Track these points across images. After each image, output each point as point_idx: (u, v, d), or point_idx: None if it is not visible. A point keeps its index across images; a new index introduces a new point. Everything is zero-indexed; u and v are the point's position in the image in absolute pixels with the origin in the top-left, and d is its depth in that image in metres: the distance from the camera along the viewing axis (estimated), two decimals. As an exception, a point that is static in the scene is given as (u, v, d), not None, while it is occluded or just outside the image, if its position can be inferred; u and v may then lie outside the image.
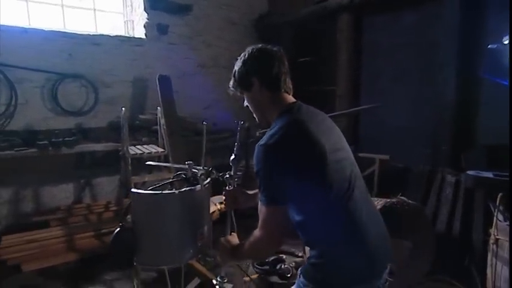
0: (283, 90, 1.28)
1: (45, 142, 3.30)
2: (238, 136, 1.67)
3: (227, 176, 1.64)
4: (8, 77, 3.52)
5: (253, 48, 1.30)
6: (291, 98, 1.29)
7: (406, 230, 2.55)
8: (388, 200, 2.59)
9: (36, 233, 3.27)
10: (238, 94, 1.35)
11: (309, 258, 1.20)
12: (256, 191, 1.53)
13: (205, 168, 1.71)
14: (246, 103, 1.35)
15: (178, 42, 4.52)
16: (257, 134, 3.74)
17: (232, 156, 1.64)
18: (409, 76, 3.40)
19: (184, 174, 1.71)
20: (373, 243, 1.15)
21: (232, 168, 1.64)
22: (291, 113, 1.21)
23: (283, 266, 2.11)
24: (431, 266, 2.65)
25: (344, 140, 1.30)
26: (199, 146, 3.81)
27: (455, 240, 2.76)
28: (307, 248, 1.29)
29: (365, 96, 3.87)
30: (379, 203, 2.52)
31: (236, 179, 1.63)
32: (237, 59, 1.33)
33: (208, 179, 1.67)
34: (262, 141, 1.14)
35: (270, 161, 1.12)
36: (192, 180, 1.72)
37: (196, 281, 2.51)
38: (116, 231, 1.56)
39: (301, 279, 1.19)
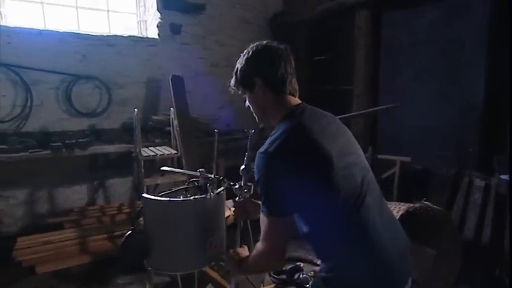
0: (288, 92, 1.20)
1: (59, 144, 3.30)
2: (248, 145, 1.62)
3: (237, 186, 1.60)
4: (24, 78, 3.55)
5: (258, 45, 1.21)
6: (295, 100, 1.21)
7: (430, 237, 2.42)
8: (411, 205, 2.46)
9: (51, 235, 3.27)
10: (239, 93, 1.28)
11: (319, 271, 1.13)
12: None
13: (216, 176, 1.67)
14: (247, 103, 1.28)
15: (192, 42, 4.47)
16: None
17: (242, 166, 1.59)
18: (430, 75, 3.25)
19: (197, 181, 1.70)
20: (389, 254, 1.06)
21: (242, 179, 1.59)
22: (294, 117, 1.13)
23: (301, 276, 1.93)
24: (457, 276, 2.51)
25: (355, 143, 1.21)
26: (212, 147, 3.84)
27: (484, 248, 2.59)
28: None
29: (384, 95, 3.71)
30: (401, 208, 2.40)
31: (246, 190, 1.58)
32: (240, 55, 1.25)
33: (222, 188, 1.62)
34: (262, 149, 1.07)
35: (271, 170, 1.04)
36: (205, 188, 1.69)
37: (209, 287, 2.44)
38: (127, 234, 1.56)
39: None
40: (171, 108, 3.47)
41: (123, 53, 4.05)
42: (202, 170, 1.70)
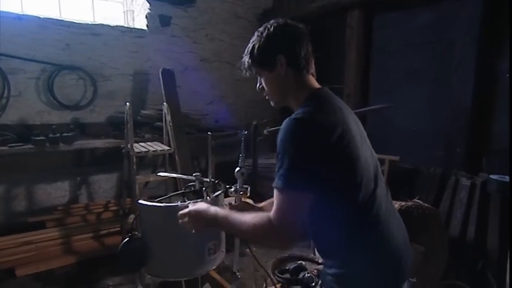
0: (310, 72, 1.14)
1: (42, 138, 3.10)
2: (242, 147, 1.62)
3: (233, 189, 1.57)
4: (0, 66, 3.29)
5: (278, 22, 1.12)
6: (316, 83, 1.15)
7: (420, 234, 2.51)
8: (404, 203, 2.54)
9: (32, 235, 3.13)
10: (252, 74, 1.17)
11: (327, 267, 1.06)
12: (266, 202, 1.44)
13: (212, 180, 1.65)
14: (260, 85, 1.19)
15: (181, 35, 4.34)
16: (265, 132, 3.64)
17: (237, 169, 1.57)
18: (421, 76, 3.33)
19: (193, 186, 1.66)
20: (398, 245, 1.06)
21: (238, 181, 1.57)
22: (320, 97, 1.08)
23: (306, 275, 1.96)
24: (444, 271, 2.61)
25: (364, 133, 1.16)
26: (203, 143, 3.78)
27: (469, 244, 2.72)
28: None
29: (374, 95, 3.78)
30: (394, 205, 2.47)
31: (242, 192, 1.56)
32: (256, 33, 1.14)
33: (219, 192, 1.57)
34: (293, 116, 0.99)
35: (300, 137, 0.95)
36: (201, 192, 1.65)
37: (207, 286, 2.40)
38: (124, 241, 1.50)
39: None
40: (164, 103, 3.36)
41: (110, 44, 3.86)
42: (198, 174, 1.65)
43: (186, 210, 1.20)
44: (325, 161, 0.94)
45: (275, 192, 0.96)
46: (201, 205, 1.20)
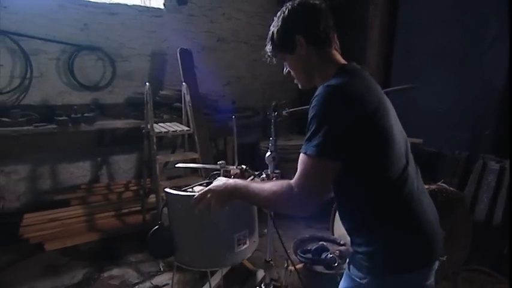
0: (333, 47, 1.12)
1: (65, 118, 3.15)
2: (272, 129, 1.55)
3: (263, 176, 1.51)
4: (23, 47, 3.32)
5: (292, 3, 1.12)
6: (342, 58, 1.13)
7: (444, 218, 2.45)
8: (427, 187, 2.47)
9: (57, 212, 3.23)
10: (277, 59, 1.19)
11: (356, 245, 1.05)
12: None
13: (239, 167, 1.57)
14: (287, 69, 1.19)
15: (198, 13, 4.26)
16: (284, 113, 3.58)
17: (268, 153, 1.51)
18: (449, 54, 3.17)
19: (219, 175, 1.59)
20: (432, 226, 1.04)
21: (269, 167, 1.51)
22: (352, 70, 1.06)
23: (328, 256, 2.01)
24: (467, 256, 2.55)
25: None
26: (221, 125, 3.78)
27: (495, 229, 2.65)
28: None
29: (397, 75, 3.64)
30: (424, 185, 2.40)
31: (274, 179, 1.50)
32: (273, 19, 1.16)
33: (250, 179, 1.51)
34: (326, 83, 0.97)
35: (336, 104, 0.93)
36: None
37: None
38: (152, 229, 1.51)
39: (354, 271, 1.04)
40: (183, 83, 3.31)
41: (127, 24, 3.83)
42: (223, 162, 1.60)
43: (205, 189, 1.17)
44: (359, 131, 0.93)
45: (303, 158, 0.95)
46: (218, 180, 1.19)
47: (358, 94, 0.96)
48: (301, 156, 0.95)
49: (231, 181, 1.14)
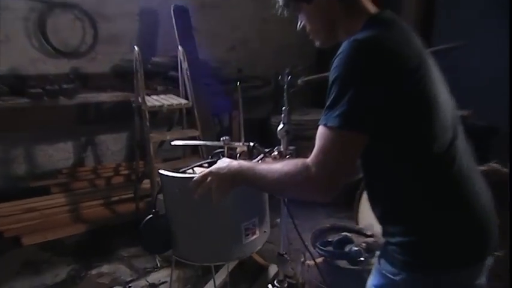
0: None
1: (39, 90, 2.80)
2: (285, 96, 1.39)
3: (276, 153, 1.37)
4: (-20, 2, 2.80)
5: None
6: (373, 6, 0.98)
7: (495, 205, 2.17)
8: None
9: (35, 201, 3.02)
10: (290, 11, 1.04)
11: (389, 236, 0.94)
12: None
13: (246, 144, 1.43)
14: (301, 23, 1.06)
15: (196, -39, 3.74)
16: (299, 82, 3.17)
17: (280, 126, 1.36)
18: (506, 6, 2.71)
19: (222, 154, 1.48)
20: (486, 212, 0.92)
21: (282, 142, 1.37)
22: (387, 19, 0.92)
23: (353, 249, 1.84)
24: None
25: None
26: (226, 98, 3.37)
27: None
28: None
29: (440, 31, 3.22)
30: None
31: (288, 156, 1.36)
32: None
33: (258, 158, 1.35)
34: (353, 37, 0.84)
35: (365, 64, 0.81)
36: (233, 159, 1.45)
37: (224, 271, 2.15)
38: (146, 218, 1.38)
39: (385, 266, 0.94)
40: (179, 47, 2.91)
41: (109, -26, 3.32)
42: (227, 138, 1.47)
43: (206, 171, 1.06)
44: (394, 96, 0.82)
45: (322, 131, 0.84)
46: (221, 162, 1.07)
47: (395, 49, 0.84)
48: (320, 128, 0.85)
49: (235, 162, 1.04)
